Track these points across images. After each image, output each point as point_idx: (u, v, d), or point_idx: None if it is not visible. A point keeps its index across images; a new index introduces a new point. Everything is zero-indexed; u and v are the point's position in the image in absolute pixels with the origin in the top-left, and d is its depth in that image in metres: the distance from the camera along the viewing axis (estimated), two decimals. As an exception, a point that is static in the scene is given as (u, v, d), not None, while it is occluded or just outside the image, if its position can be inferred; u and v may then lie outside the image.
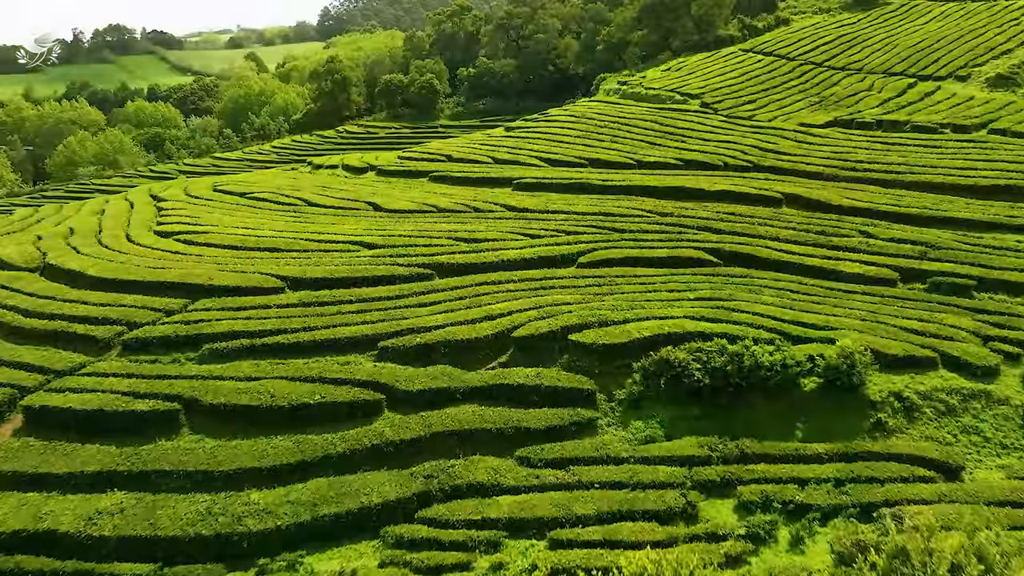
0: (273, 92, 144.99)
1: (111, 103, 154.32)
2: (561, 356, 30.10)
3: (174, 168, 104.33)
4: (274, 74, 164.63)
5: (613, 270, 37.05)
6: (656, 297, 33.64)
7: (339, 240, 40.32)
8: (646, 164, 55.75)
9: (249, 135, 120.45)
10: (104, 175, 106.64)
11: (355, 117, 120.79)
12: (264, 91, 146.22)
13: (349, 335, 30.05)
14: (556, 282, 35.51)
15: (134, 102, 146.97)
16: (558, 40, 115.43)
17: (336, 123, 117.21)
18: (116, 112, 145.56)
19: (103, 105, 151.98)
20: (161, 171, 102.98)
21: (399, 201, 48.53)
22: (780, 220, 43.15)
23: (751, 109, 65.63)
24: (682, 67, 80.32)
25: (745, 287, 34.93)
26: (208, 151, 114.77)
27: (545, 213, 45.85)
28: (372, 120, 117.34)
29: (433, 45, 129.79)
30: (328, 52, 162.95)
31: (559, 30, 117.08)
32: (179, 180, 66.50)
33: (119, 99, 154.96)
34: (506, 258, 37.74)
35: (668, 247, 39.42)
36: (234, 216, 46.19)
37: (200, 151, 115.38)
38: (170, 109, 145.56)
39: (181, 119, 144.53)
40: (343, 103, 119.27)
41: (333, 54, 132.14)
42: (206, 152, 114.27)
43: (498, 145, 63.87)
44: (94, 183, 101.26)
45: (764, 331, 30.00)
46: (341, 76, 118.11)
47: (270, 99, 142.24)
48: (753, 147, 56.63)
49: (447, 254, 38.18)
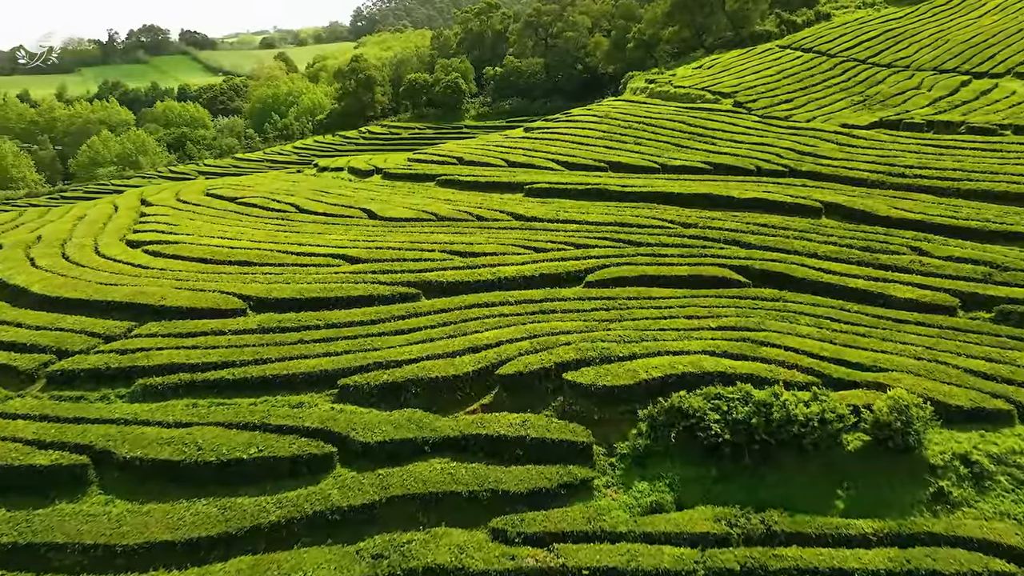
0: (301, 92, 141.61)
1: (142, 103, 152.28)
2: (554, 398, 25.04)
3: (194, 168, 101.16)
4: (303, 74, 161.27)
5: (625, 290, 31.87)
6: (671, 325, 28.41)
7: (320, 253, 35.62)
8: (671, 168, 50.41)
9: (272, 135, 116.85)
10: (124, 175, 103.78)
11: (380, 117, 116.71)
12: (292, 91, 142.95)
13: (306, 370, 25.24)
14: (558, 305, 30.42)
15: (163, 102, 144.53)
16: (587, 38, 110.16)
17: (360, 123, 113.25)
18: (145, 112, 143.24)
19: (133, 105, 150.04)
20: (180, 172, 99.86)
21: (396, 208, 43.76)
22: (819, 233, 37.60)
23: (788, 109, 59.90)
24: (714, 64, 74.65)
25: (777, 314, 29.54)
26: (229, 151, 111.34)
27: (555, 223, 40.78)
28: (396, 120, 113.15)
29: (460, 44, 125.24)
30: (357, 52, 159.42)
31: (589, 28, 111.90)
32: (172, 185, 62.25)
33: (149, 99, 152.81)
34: (504, 275, 32.75)
35: (689, 264, 34.17)
36: (215, 224, 41.78)
37: (222, 151, 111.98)
38: (199, 109, 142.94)
39: (209, 119, 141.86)
40: (367, 103, 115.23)
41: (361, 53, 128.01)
42: (227, 153, 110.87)
43: (513, 147, 58.91)
44: (113, 183, 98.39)
45: (798, 371, 24.69)
46: (365, 75, 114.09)
47: (298, 99, 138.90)
48: (789, 150, 50.99)
49: (438, 270, 33.28)
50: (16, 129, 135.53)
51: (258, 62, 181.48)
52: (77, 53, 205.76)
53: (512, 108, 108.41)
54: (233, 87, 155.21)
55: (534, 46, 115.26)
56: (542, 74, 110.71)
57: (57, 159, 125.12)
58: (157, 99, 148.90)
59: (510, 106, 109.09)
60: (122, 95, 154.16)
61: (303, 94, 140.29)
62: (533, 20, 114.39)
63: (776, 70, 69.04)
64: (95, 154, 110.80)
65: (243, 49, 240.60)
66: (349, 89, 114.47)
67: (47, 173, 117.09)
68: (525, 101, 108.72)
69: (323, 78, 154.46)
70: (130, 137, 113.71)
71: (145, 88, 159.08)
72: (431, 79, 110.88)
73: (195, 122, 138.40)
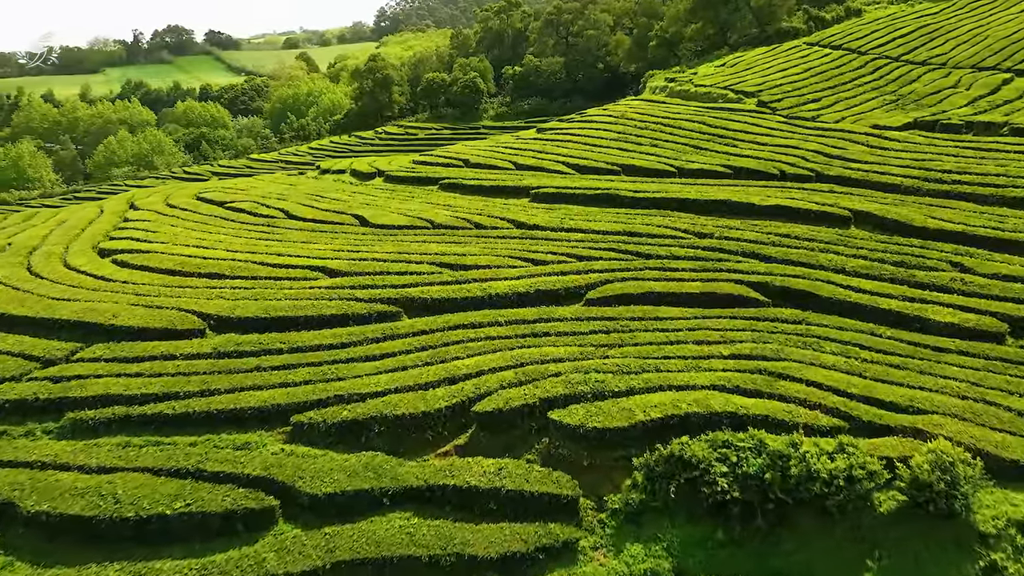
0: (321, 92, 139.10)
1: (164, 102, 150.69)
2: (539, 439, 21.62)
3: (207, 169, 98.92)
4: (324, 74, 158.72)
5: (629, 309, 28.34)
6: (678, 352, 24.83)
7: (298, 264, 32.44)
8: (688, 172, 46.66)
9: (288, 136, 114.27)
10: (138, 176, 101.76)
11: (397, 118, 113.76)
12: (312, 91, 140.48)
13: (257, 404, 22.01)
14: (552, 326, 26.96)
15: (184, 102, 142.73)
16: (609, 36, 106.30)
17: (377, 124, 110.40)
18: (166, 111, 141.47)
19: (155, 105, 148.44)
20: (194, 173, 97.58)
21: (390, 214, 40.50)
22: (847, 246, 33.75)
23: (815, 109, 55.84)
24: (738, 62, 70.59)
25: (798, 339, 25.82)
26: (245, 152, 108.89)
27: (558, 231, 37.30)
28: (413, 121, 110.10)
29: (480, 43, 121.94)
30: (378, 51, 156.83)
31: (610, 26, 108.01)
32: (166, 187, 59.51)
33: (171, 99, 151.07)
34: (495, 292, 29.33)
35: (702, 280, 30.53)
36: (195, 231, 38.77)
37: (237, 152, 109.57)
38: (219, 109, 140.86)
39: (229, 119, 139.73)
40: (384, 103, 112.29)
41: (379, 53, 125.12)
42: (243, 153, 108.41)
43: (523, 149, 55.43)
44: (127, 184, 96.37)
45: (822, 413, 21.03)
46: (383, 75, 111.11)
47: (318, 99, 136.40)
48: (816, 153, 47.03)
49: (423, 285, 29.95)
50: (39, 129, 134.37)
51: (279, 62, 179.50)
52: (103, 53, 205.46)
53: (531, 108, 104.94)
54: (254, 87, 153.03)
55: (555, 45, 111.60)
56: (562, 73, 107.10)
57: (78, 159, 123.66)
58: (179, 99, 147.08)
59: (529, 106, 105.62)
60: (144, 95, 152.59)
61: (323, 94, 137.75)
62: (554, 18, 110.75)
63: (803, 68, 64.88)
64: (111, 154, 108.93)
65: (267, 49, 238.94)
66: (366, 89, 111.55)
67: (68, 173, 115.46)
68: (544, 101, 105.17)
69: (344, 78, 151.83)
70: (147, 137, 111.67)
71: (167, 88, 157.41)
72: (449, 79, 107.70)
73: (215, 122, 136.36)
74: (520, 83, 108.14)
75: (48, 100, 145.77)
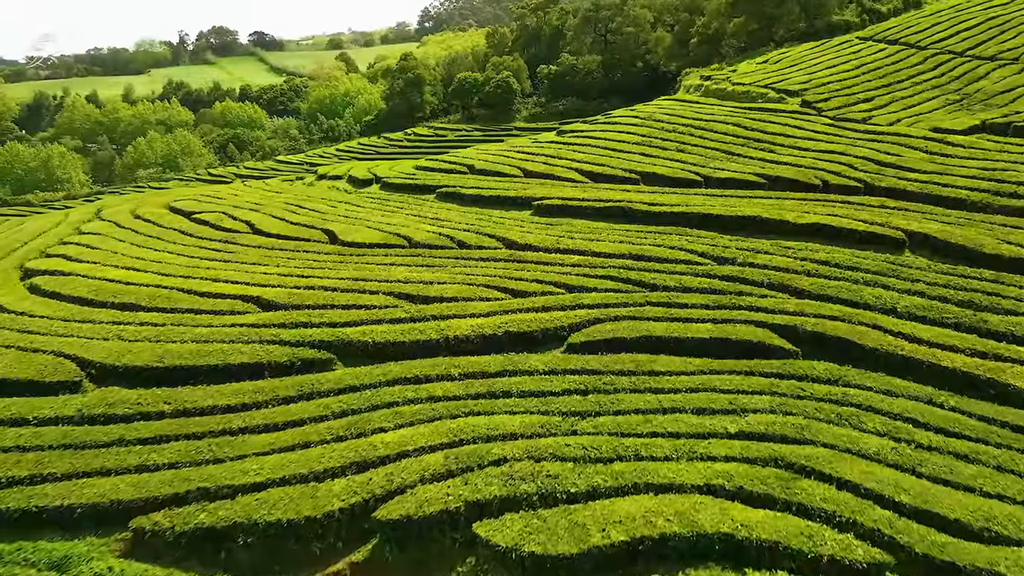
0: (358, 92, 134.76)
1: (204, 103, 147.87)
2: (464, 557, 15.60)
3: (232, 171, 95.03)
4: (363, 74, 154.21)
5: (618, 359, 22.12)
6: (669, 426, 18.52)
7: (230, 293, 26.86)
8: (715, 181, 40.09)
9: (317, 137, 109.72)
10: (163, 177, 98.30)
11: (429, 118, 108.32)
12: (349, 91, 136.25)
13: (92, 500, 16.28)
14: (515, 383, 20.87)
15: (223, 102, 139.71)
16: (649, 34, 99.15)
17: (409, 125, 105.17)
18: (204, 112, 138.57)
19: (195, 105, 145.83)
20: (217, 174, 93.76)
21: (364, 230, 34.76)
22: (900, 277, 26.95)
23: (867, 109, 48.60)
24: (782, 59, 63.35)
25: (832, 409, 19.29)
26: (272, 153, 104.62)
27: (552, 253, 31.17)
28: (445, 122, 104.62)
29: (516, 41, 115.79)
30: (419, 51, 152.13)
31: (651, 23, 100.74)
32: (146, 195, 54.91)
33: (211, 99, 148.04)
34: (455, 334, 23.38)
35: (716, 320, 24.15)
36: (138, 249, 33.57)
37: (264, 153, 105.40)
38: (256, 110, 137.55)
39: (266, 119, 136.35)
40: (416, 104, 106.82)
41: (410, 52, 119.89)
42: (270, 155, 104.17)
43: (536, 154, 49.31)
44: (151, 185, 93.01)
45: (856, 538, 14.59)
46: (414, 75, 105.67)
47: (354, 100, 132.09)
48: (866, 160, 40.02)
49: (369, 324, 24.12)
50: (82, 130, 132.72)
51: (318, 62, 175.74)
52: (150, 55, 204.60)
53: (566, 109, 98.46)
54: (293, 88, 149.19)
55: (593, 43, 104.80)
56: (599, 72, 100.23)
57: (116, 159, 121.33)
58: (218, 99, 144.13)
59: (564, 107, 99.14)
60: (185, 95, 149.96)
61: (359, 94, 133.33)
62: (592, 15, 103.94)
63: (854, 64, 57.42)
64: (140, 155, 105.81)
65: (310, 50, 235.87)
66: (396, 89, 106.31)
67: (105, 174, 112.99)
68: (580, 102, 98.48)
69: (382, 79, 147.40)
70: (176, 138, 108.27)
71: (207, 88, 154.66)
72: (481, 78, 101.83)
73: (252, 123, 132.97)
74: (555, 83, 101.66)
75: (91, 101, 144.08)
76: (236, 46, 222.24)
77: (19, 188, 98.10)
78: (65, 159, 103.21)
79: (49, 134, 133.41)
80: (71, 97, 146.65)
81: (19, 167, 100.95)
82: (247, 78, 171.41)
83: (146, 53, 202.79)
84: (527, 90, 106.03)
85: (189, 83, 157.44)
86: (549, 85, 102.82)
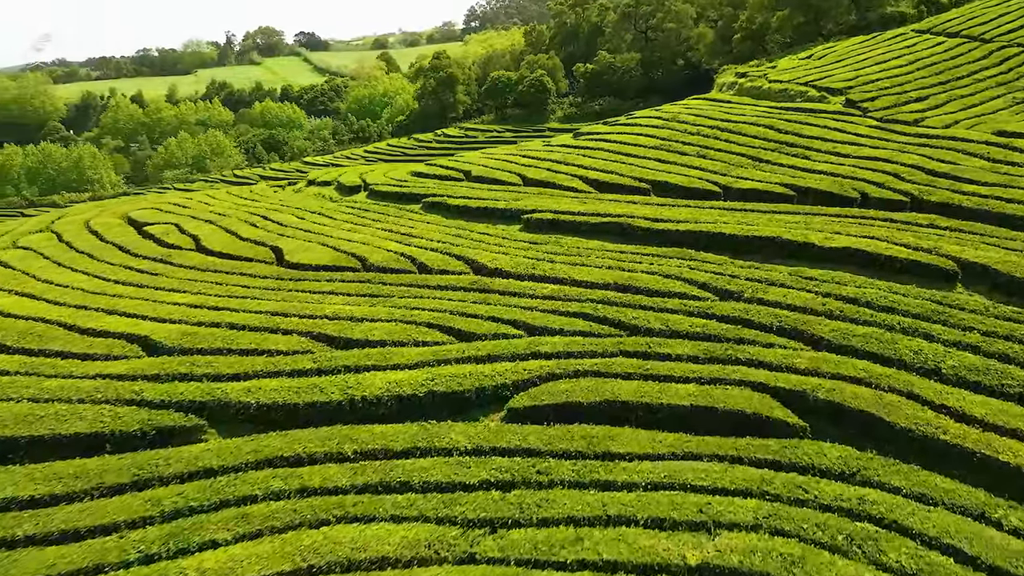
0: (397, 92, 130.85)
1: (245, 103, 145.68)
2: None
3: (258, 173, 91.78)
4: (404, 74, 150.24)
5: (567, 433, 16.73)
6: (607, 550, 13.01)
7: (115, 331, 22.08)
8: (736, 193, 34.19)
9: (347, 138, 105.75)
10: (190, 178, 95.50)
11: (462, 119, 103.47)
12: (388, 91, 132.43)
13: None
14: (421, 471, 15.56)
15: (262, 102, 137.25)
16: (691, 30, 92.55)
17: (441, 125, 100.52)
18: (243, 112, 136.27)
19: (237, 105, 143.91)
20: (243, 176, 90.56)
21: (315, 249, 29.82)
22: (948, 323, 20.82)
23: (919, 109, 41.95)
24: (827, 54, 56.61)
25: (843, 525, 13.56)
26: (301, 154, 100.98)
27: (524, 281, 25.75)
28: (478, 122, 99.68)
29: (553, 39, 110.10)
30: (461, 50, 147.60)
31: (693, 18, 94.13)
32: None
33: (251, 100, 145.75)
34: (363, 395, 18.17)
35: (703, 378, 18.51)
36: (56, 268, 29.27)
37: (293, 154, 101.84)
38: (295, 110, 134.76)
39: (305, 120, 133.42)
40: (448, 104, 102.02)
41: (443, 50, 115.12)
42: (298, 156, 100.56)
43: (541, 159, 43.88)
44: (176, 187, 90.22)
45: None
46: (446, 74, 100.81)
47: (392, 99, 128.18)
48: (915, 168, 33.66)
49: (265, 375, 19.10)
50: (125, 130, 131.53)
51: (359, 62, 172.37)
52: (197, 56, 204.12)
53: (602, 109, 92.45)
54: (334, 87, 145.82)
55: (633, 40, 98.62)
56: (637, 71, 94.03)
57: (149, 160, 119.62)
58: (259, 99, 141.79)
59: (600, 107, 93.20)
60: (227, 95, 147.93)
61: (398, 94, 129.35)
62: (631, 11, 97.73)
63: (908, 59, 50.50)
64: (171, 156, 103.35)
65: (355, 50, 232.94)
66: (428, 88, 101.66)
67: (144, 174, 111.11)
68: (617, 101, 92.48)
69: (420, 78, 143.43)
70: (207, 139, 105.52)
71: (249, 89, 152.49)
72: (515, 77, 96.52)
73: (291, 123, 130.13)
74: (592, 82, 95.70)
75: (136, 101, 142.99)
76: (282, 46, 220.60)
77: (51, 188, 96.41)
78: (96, 159, 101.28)
79: (94, 134, 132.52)
80: (116, 97, 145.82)
81: (51, 167, 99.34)
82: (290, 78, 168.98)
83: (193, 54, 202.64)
84: (563, 89, 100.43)
85: (232, 83, 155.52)
86: (585, 84, 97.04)
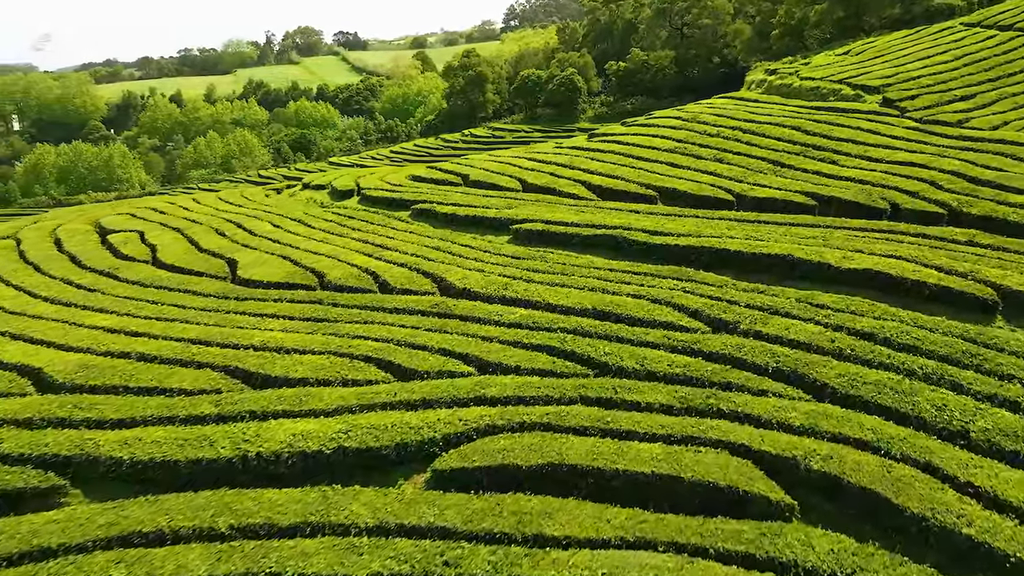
0: (431, 91, 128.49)
1: (281, 102, 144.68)
2: None
3: (282, 173, 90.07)
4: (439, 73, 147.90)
5: (501, 504, 13.47)
6: None
7: (10, 364, 19.37)
8: (750, 202, 30.46)
9: (375, 138, 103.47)
10: (215, 177, 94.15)
11: (492, 118, 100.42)
12: (421, 90, 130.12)
13: None
14: (300, 559, 12.43)
15: (296, 102, 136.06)
16: (728, 26, 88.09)
17: (470, 125, 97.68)
18: (278, 111, 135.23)
19: (273, 105, 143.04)
20: (267, 176, 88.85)
21: (271, 263, 26.95)
22: (983, 369, 16.92)
23: (964, 109, 37.61)
24: (865, 49, 52.15)
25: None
26: (327, 154, 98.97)
27: (493, 304, 22.49)
28: (507, 122, 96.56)
29: (586, 37, 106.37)
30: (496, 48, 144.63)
31: (731, 14, 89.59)
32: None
33: (287, 99, 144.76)
34: (258, 451, 15.09)
35: (673, 435, 15.05)
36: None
37: (320, 154, 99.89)
38: (329, 109, 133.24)
39: (339, 119, 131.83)
40: (477, 103, 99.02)
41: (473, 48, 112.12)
42: (324, 156, 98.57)
43: (546, 162, 40.51)
44: (201, 187, 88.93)
45: None
46: (475, 72, 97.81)
47: (426, 99, 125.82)
48: (955, 176, 29.54)
49: (154, 422, 16.18)
50: (163, 129, 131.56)
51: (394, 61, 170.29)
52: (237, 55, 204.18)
53: (634, 108, 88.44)
54: (369, 87, 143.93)
55: (668, 37, 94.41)
56: (672, 69, 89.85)
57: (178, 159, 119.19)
58: (294, 99, 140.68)
59: (632, 106, 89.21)
60: (264, 95, 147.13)
61: (431, 93, 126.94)
62: (666, 7, 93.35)
63: (954, 55, 45.91)
64: (199, 155, 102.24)
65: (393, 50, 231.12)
66: (457, 88, 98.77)
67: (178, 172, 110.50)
68: (651, 100, 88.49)
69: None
70: (235, 138, 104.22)
71: (285, 88, 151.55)
72: (545, 75, 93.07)
73: (324, 122, 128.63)
74: (624, 80, 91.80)
75: (174, 100, 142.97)
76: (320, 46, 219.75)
77: (80, 187, 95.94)
78: (126, 159, 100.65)
79: (132, 133, 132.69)
80: (155, 97, 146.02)
81: (82, 166, 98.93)
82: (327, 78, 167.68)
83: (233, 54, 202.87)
84: (595, 88, 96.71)
85: (269, 83, 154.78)
86: (617, 83, 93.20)
